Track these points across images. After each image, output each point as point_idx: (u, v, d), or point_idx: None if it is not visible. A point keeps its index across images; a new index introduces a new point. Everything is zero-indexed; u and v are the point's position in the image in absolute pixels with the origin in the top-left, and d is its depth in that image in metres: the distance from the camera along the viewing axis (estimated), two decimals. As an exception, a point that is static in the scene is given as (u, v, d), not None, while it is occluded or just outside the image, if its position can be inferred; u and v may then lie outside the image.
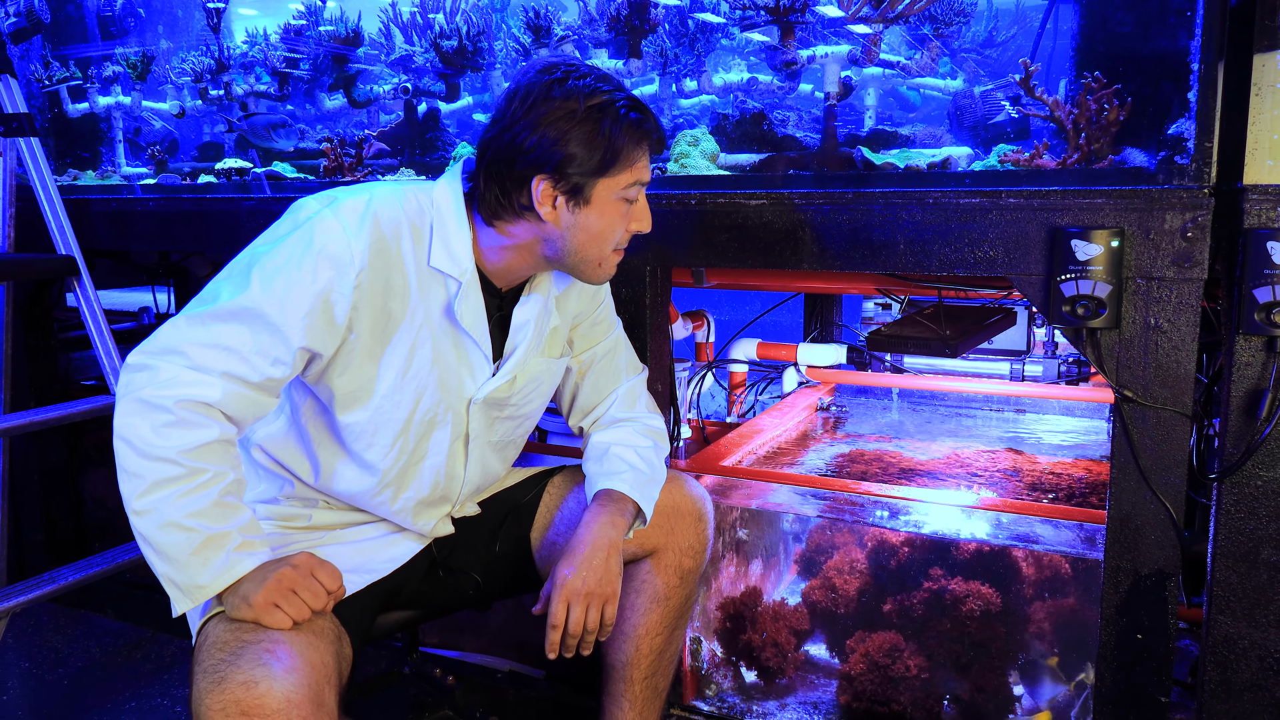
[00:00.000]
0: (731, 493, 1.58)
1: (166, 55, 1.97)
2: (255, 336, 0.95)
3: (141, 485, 0.91)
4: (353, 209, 1.00)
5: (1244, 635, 1.12)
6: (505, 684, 1.60)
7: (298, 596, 0.93)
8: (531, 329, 1.11)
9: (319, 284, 0.96)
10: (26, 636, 1.97)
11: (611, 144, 0.99)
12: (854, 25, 1.35)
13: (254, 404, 0.98)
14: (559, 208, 1.02)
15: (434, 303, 1.05)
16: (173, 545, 0.92)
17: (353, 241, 0.98)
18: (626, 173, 1.02)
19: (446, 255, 1.04)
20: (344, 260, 0.97)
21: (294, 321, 0.96)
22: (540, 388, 1.18)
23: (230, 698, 0.84)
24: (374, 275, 1.00)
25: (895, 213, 1.24)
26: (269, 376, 0.97)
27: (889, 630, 1.42)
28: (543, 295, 1.13)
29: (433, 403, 1.08)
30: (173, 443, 0.91)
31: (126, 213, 1.86)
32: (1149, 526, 1.15)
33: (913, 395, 2.23)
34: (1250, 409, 1.09)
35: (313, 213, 1.00)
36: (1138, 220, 1.12)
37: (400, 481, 1.11)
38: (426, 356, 1.06)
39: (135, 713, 1.68)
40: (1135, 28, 1.17)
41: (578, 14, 1.52)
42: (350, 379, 1.03)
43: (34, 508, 2.12)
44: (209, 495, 0.92)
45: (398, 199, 1.04)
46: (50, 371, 2.07)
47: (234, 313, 0.96)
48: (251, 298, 0.96)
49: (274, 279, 0.96)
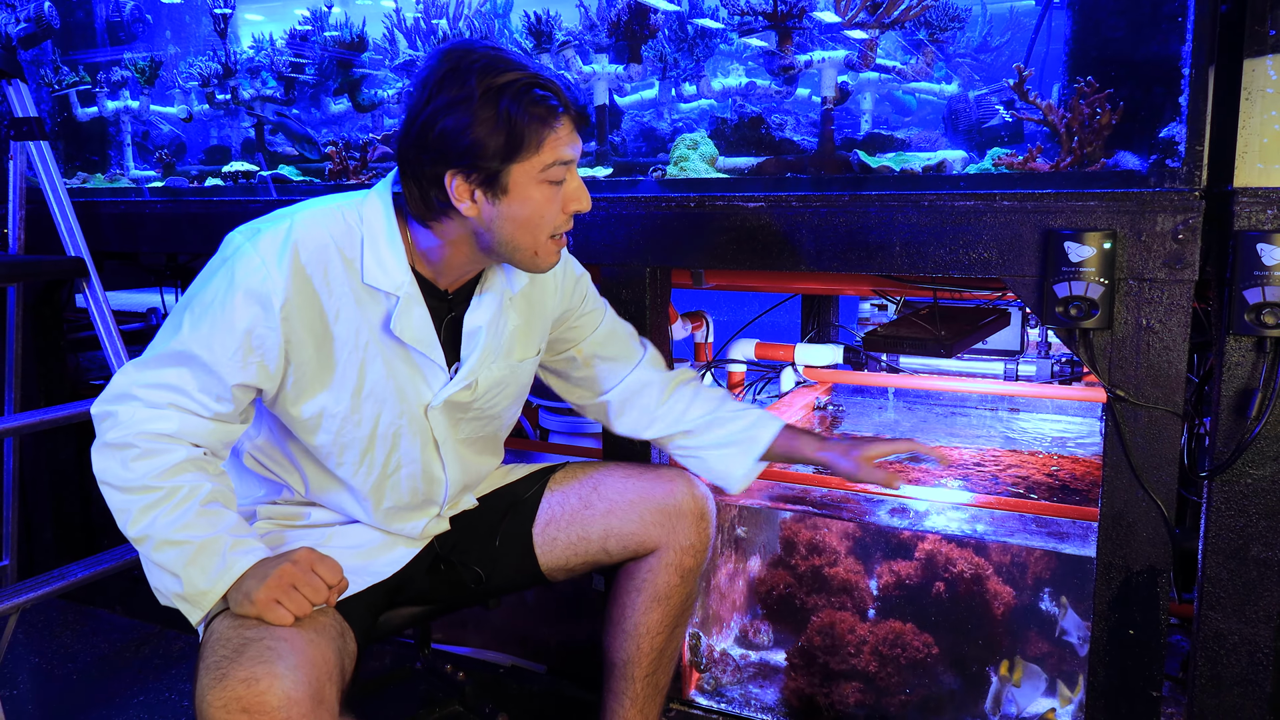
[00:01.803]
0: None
1: (174, 60, 1.99)
2: (195, 376, 0.98)
3: (130, 516, 0.95)
4: (270, 241, 0.98)
5: (1234, 630, 1.14)
6: (508, 678, 1.61)
7: (298, 592, 0.93)
8: (483, 335, 1.08)
9: (243, 322, 0.97)
10: (36, 632, 1.99)
11: (513, 127, 0.92)
12: (850, 31, 1.36)
13: (215, 434, 1.00)
14: (479, 201, 0.97)
15: (375, 318, 1.03)
16: (169, 561, 0.94)
17: (272, 274, 0.97)
18: (540, 154, 0.95)
19: (380, 271, 1.01)
20: (265, 294, 0.96)
21: (223, 360, 0.97)
22: (506, 390, 1.16)
23: (231, 694, 0.84)
24: (301, 302, 0.98)
25: (891, 215, 1.25)
26: (217, 413, 0.99)
27: (892, 621, 1.43)
28: (495, 296, 1.09)
29: (394, 415, 1.07)
30: (143, 471, 0.95)
31: (135, 215, 1.88)
32: (1141, 524, 1.17)
33: (908, 395, 2.25)
34: (1240, 408, 1.10)
35: (235, 248, 1.00)
36: (1130, 222, 1.13)
37: (378, 494, 1.11)
38: (379, 371, 1.04)
39: (143, 707, 1.70)
40: (1127, 33, 1.18)
41: (578, 19, 1.54)
42: (305, 407, 1.04)
43: (44, 505, 2.14)
44: (190, 508, 0.95)
45: (321, 221, 1.01)
46: (60, 371, 2.09)
47: (171, 356, 0.98)
48: (183, 340, 0.98)
49: (201, 321, 0.98)
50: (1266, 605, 1.12)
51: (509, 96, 0.93)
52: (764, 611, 1.54)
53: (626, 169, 1.52)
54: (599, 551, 1.22)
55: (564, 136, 0.97)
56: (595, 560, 1.24)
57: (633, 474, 1.25)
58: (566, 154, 0.98)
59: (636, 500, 1.21)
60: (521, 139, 0.94)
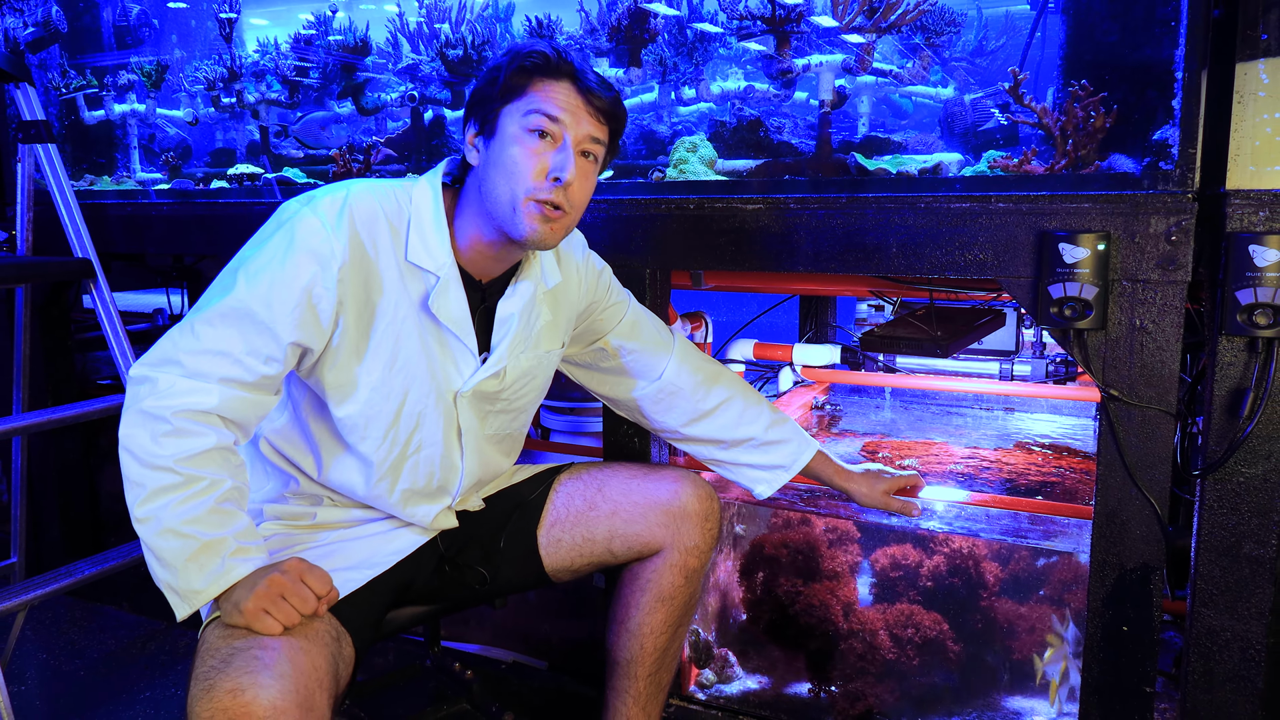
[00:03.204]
0: (731, 486, 1.61)
1: (180, 64, 2.00)
2: (245, 337, 0.97)
3: (143, 493, 0.94)
4: (330, 205, 1.02)
5: (1226, 627, 1.15)
6: (510, 675, 1.63)
7: (287, 602, 0.93)
8: (516, 322, 1.11)
9: (303, 279, 0.99)
10: (44, 629, 2.01)
11: (504, 72, 1.03)
12: (848, 35, 1.38)
13: (252, 404, 1.00)
14: (478, 147, 1.06)
15: (415, 296, 1.06)
16: (170, 551, 0.93)
17: (332, 236, 1.00)
18: (524, 99, 1.02)
19: (424, 250, 1.05)
20: (325, 255, 0.99)
21: (282, 317, 0.98)
22: (533, 381, 1.19)
23: (218, 705, 0.84)
24: (354, 269, 1.02)
25: (888, 217, 1.26)
26: (263, 375, 0.99)
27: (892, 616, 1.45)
28: (530, 287, 1.13)
29: (422, 394, 1.09)
30: (170, 451, 0.94)
31: (141, 217, 1.90)
32: (1134, 522, 1.18)
33: (905, 394, 2.26)
34: (1232, 408, 1.11)
35: (293, 213, 1.02)
36: (1123, 224, 1.14)
37: (394, 473, 1.11)
38: (414, 348, 1.07)
39: (149, 703, 1.71)
40: (1121, 37, 1.18)
41: (579, 24, 1.55)
42: (339, 373, 1.05)
43: (51, 503, 2.15)
44: (205, 503, 0.94)
45: (375, 194, 1.05)
46: (67, 371, 2.11)
47: (223, 315, 0.98)
48: (239, 298, 0.98)
49: (259, 278, 0.99)
50: (1258, 602, 1.13)
51: (509, 55, 1.05)
52: (762, 608, 1.56)
53: (627, 171, 1.53)
54: (604, 553, 1.23)
55: (555, 94, 1.03)
56: (600, 561, 1.24)
57: (637, 475, 1.26)
58: (552, 109, 1.02)
59: (641, 502, 1.22)
60: (510, 83, 1.03)
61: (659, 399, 1.30)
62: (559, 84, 1.03)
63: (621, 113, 1.09)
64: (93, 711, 1.69)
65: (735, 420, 1.30)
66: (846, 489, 1.31)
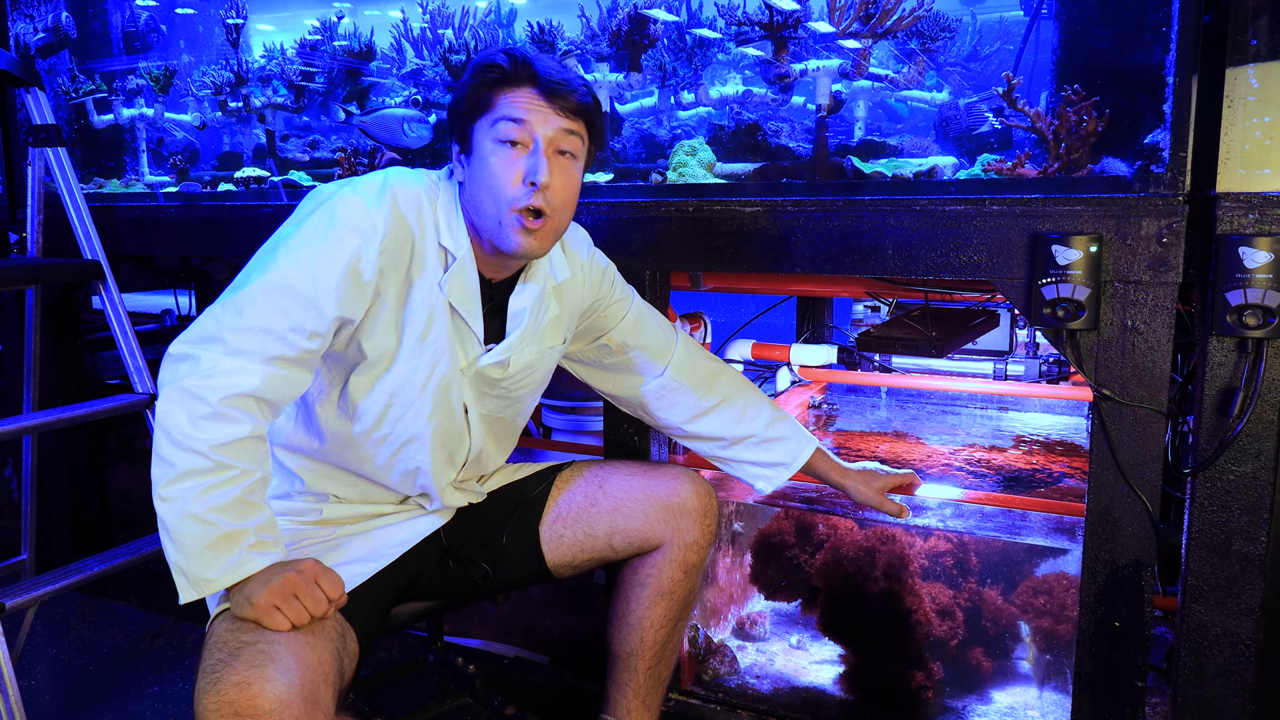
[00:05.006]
0: (730, 486, 1.63)
1: (188, 69, 2.02)
2: (289, 313, 0.97)
3: (172, 473, 0.93)
4: (371, 184, 1.04)
5: (1217, 623, 1.16)
6: (512, 669, 1.64)
7: (299, 601, 0.93)
8: (527, 316, 1.14)
9: (346, 253, 0.99)
10: (54, 624, 2.03)
11: (467, 88, 1.05)
12: (844, 40, 1.39)
13: (291, 383, 1.00)
14: (462, 164, 1.07)
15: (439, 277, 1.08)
16: (189, 536, 0.93)
17: (374, 212, 1.01)
18: (492, 110, 1.03)
19: (449, 233, 1.08)
20: (367, 230, 1.00)
21: (325, 292, 0.98)
22: (534, 374, 1.21)
23: (224, 698, 0.85)
24: (396, 242, 1.03)
25: (884, 219, 1.28)
26: (305, 349, 0.99)
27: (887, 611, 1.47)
28: (539, 284, 1.15)
29: (447, 369, 1.11)
30: (206, 435, 0.93)
31: (149, 219, 1.92)
32: (1126, 519, 1.19)
33: (900, 393, 2.28)
34: (1223, 407, 1.12)
35: (332, 193, 1.04)
36: (1115, 226, 1.15)
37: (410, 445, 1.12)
38: (443, 324, 1.09)
39: (158, 697, 1.73)
40: (1113, 42, 1.19)
41: (580, 29, 1.57)
42: (376, 341, 1.06)
43: (61, 501, 2.17)
44: (232, 492, 0.93)
45: (414, 176, 1.08)
46: (76, 371, 2.13)
47: (266, 291, 0.98)
48: (281, 274, 0.98)
49: (300, 253, 0.99)
50: (1248, 598, 1.14)
51: (473, 67, 1.06)
52: (760, 605, 1.58)
53: (627, 174, 1.55)
54: (605, 548, 1.25)
55: (518, 101, 1.03)
56: (601, 557, 1.26)
57: (637, 472, 1.28)
58: (516, 113, 1.03)
59: (642, 498, 1.24)
60: (476, 97, 1.05)
61: (662, 395, 1.31)
62: (520, 90, 1.04)
63: (594, 104, 1.08)
64: (101, 705, 1.70)
65: (736, 417, 1.31)
66: (843, 486, 1.33)
